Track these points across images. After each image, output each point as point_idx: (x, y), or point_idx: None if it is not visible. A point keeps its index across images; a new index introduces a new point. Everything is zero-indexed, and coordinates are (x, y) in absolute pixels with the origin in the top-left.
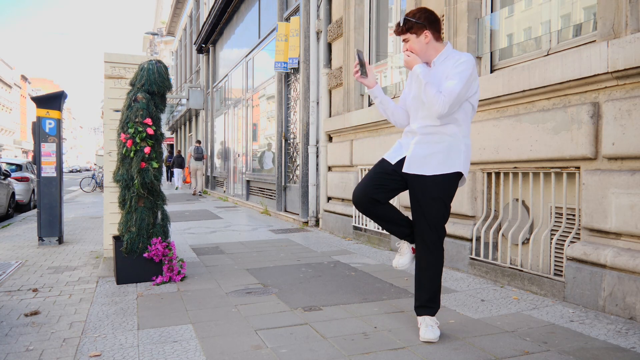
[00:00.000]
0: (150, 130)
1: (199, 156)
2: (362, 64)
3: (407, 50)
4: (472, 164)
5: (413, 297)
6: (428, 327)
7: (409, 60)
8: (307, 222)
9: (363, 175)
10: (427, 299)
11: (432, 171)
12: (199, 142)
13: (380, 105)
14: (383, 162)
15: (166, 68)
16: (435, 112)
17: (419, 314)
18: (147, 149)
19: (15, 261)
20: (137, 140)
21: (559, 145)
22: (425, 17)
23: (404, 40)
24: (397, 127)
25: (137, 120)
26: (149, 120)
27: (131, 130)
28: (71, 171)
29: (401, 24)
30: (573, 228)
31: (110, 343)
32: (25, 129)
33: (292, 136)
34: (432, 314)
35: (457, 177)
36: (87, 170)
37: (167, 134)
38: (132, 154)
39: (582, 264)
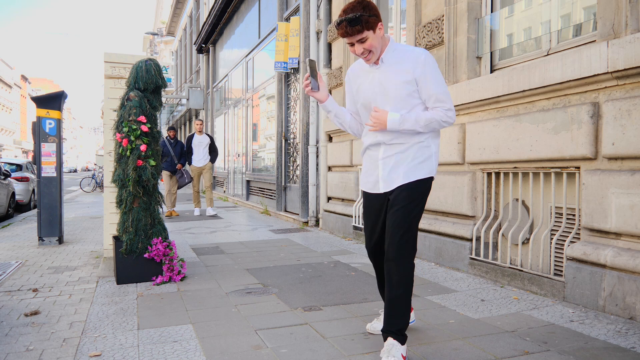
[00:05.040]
0: (144, 128)
1: None
2: (314, 75)
3: (364, 51)
4: (472, 163)
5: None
6: (390, 357)
7: (378, 120)
8: (307, 222)
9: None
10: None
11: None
12: None
13: (335, 119)
14: (368, 198)
15: (157, 65)
16: (448, 125)
17: (385, 338)
18: (143, 147)
19: (15, 261)
20: (132, 138)
21: (559, 145)
22: (374, 8)
23: (358, 41)
24: (356, 137)
25: (130, 118)
26: (142, 118)
27: (125, 129)
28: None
29: (352, 24)
30: (573, 228)
31: (110, 343)
32: (25, 129)
33: (292, 136)
34: (402, 342)
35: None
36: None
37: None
38: (128, 153)
39: (582, 264)
